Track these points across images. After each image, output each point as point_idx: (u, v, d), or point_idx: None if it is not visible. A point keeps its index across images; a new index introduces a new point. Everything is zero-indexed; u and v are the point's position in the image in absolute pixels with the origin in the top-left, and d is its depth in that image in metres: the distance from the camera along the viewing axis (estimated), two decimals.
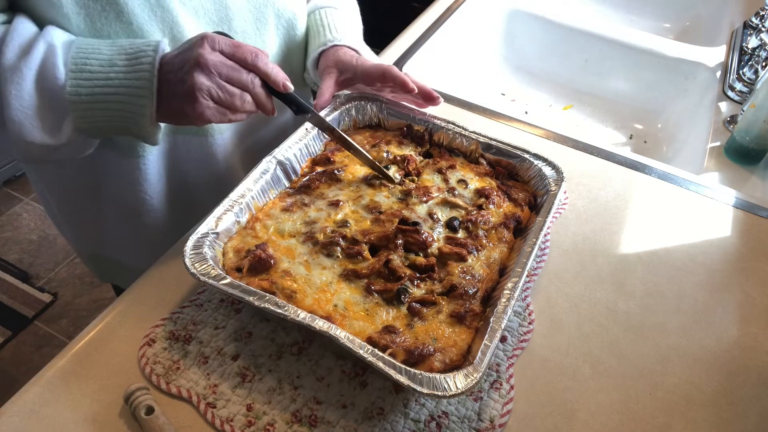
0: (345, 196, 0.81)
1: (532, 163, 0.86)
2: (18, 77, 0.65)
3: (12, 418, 0.64)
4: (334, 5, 0.98)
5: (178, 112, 0.71)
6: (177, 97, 0.69)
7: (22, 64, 0.65)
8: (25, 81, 0.65)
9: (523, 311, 0.78)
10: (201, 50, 0.67)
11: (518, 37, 1.57)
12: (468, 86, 1.42)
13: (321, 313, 0.66)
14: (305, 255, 0.73)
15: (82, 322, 2.07)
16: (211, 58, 0.68)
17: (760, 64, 1.27)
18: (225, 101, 0.70)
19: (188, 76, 0.67)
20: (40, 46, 0.66)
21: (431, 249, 0.75)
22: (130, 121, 0.70)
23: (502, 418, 0.67)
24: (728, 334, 0.79)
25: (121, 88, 0.68)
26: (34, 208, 2.48)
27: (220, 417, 0.65)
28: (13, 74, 0.65)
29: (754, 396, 0.72)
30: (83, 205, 0.95)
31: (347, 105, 0.94)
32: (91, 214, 0.96)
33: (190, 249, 0.68)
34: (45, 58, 0.66)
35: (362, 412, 0.66)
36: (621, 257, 0.88)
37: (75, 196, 0.94)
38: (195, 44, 0.68)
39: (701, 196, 0.99)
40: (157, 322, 0.73)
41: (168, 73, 0.69)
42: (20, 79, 0.65)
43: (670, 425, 0.69)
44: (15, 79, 0.65)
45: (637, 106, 1.48)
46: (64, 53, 0.67)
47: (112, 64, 0.68)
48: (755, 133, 1.06)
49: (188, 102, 0.68)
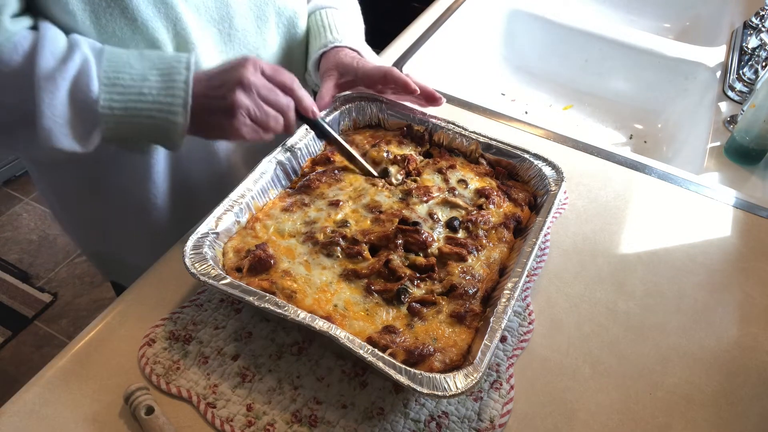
0: (345, 195, 0.81)
1: (532, 163, 0.86)
2: (52, 86, 0.65)
3: (12, 418, 0.64)
4: (334, 5, 0.98)
5: (213, 126, 0.73)
6: (215, 112, 0.72)
7: (57, 74, 0.65)
8: (59, 91, 0.65)
9: (523, 311, 0.78)
10: (244, 71, 0.71)
11: (518, 37, 1.57)
12: (468, 86, 1.42)
13: (321, 313, 0.66)
14: (305, 255, 0.73)
15: (82, 322, 2.07)
16: (254, 79, 0.71)
17: (760, 64, 1.27)
18: (261, 121, 0.73)
19: (230, 94, 0.70)
20: (77, 56, 0.66)
21: (431, 249, 0.75)
22: (160, 135, 0.72)
23: (502, 418, 0.67)
24: (728, 334, 0.79)
25: (155, 104, 0.69)
26: (34, 208, 2.48)
27: (220, 417, 0.65)
28: (48, 83, 0.65)
29: (754, 396, 0.72)
30: (86, 203, 0.95)
31: (347, 105, 0.94)
32: (94, 212, 0.96)
33: (190, 249, 0.68)
34: (81, 69, 0.66)
35: (362, 412, 0.66)
36: (621, 257, 0.88)
37: (78, 194, 0.94)
38: (238, 64, 0.71)
39: (701, 196, 0.99)
40: (157, 322, 0.73)
41: (208, 89, 0.71)
42: (54, 89, 0.65)
43: (670, 425, 0.69)
44: (49, 88, 0.65)
45: (637, 106, 1.48)
46: (97, 66, 0.68)
47: (144, 79, 0.69)
48: (755, 133, 1.06)
49: (227, 118, 0.71)
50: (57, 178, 0.94)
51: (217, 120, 0.72)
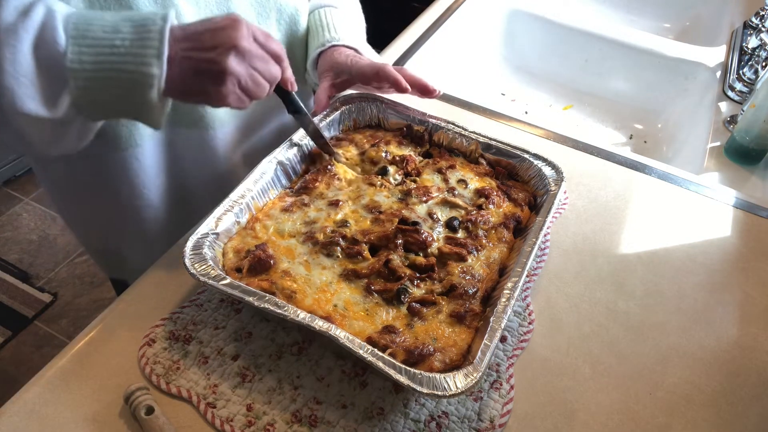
0: (345, 196, 0.81)
1: (532, 163, 0.86)
2: (14, 40, 0.59)
3: (12, 418, 0.64)
4: (334, 4, 0.98)
5: (197, 90, 0.68)
6: (203, 76, 0.66)
7: (19, 26, 0.59)
8: (22, 44, 0.60)
9: (523, 311, 0.78)
10: (239, 35, 0.66)
11: (518, 37, 1.57)
12: (468, 86, 1.42)
13: (321, 313, 0.66)
14: (305, 255, 0.73)
15: (82, 322, 2.07)
16: (248, 46, 0.67)
17: (760, 64, 1.27)
18: (251, 90, 0.69)
19: (223, 59, 0.65)
20: (39, 8, 0.61)
21: (431, 249, 0.75)
22: (135, 95, 0.64)
23: (502, 418, 0.67)
24: (728, 334, 0.79)
25: (128, 56, 0.62)
26: (34, 208, 2.48)
27: (220, 417, 0.65)
28: (9, 36, 0.59)
29: (754, 396, 0.72)
30: (86, 201, 0.95)
31: (348, 106, 0.94)
32: (94, 209, 0.96)
33: (190, 249, 0.68)
34: (45, 21, 0.61)
35: (362, 412, 0.66)
36: (621, 257, 0.88)
37: (77, 192, 0.94)
38: (230, 26, 0.66)
39: (701, 196, 0.99)
40: (157, 322, 0.73)
41: (196, 50, 0.66)
42: (16, 42, 0.59)
43: (670, 425, 0.69)
44: (10, 42, 0.59)
45: (637, 106, 1.48)
46: (64, 19, 0.62)
47: (116, 31, 0.63)
48: (755, 133, 1.06)
49: (215, 84, 0.67)
50: (57, 174, 0.93)
51: (203, 84, 0.67)
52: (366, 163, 0.88)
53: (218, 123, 0.89)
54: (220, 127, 0.89)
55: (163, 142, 0.87)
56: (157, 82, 0.63)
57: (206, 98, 0.69)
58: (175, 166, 0.91)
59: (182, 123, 0.86)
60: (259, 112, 0.96)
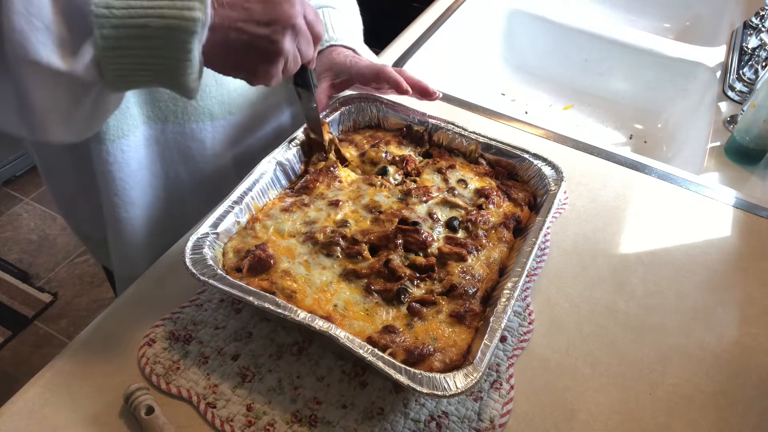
0: (345, 196, 0.81)
1: (532, 163, 0.86)
2: None
3: (12, 418, 0.64)
4: (332, 5, 0.98)
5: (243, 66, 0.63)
6: (253, 52, 0.61)
7: None
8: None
9: (523, 311, 0.78)
10: (295, 11, 0.61)
11: (518, 37, 1.57)
12: (468, 86, 1.42)
13: (321, 313, 0.66)
14: (305, 255, 0.73)
15: (82, 322, 2.07)
16: (302, 25, 0.62)
17: (760, 64, 1.27)
18: (289, 71, 0.66)
19: (280, 38, 0.60)
20: None
21: (431, 249, 0.75)
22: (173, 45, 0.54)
23: (502, 418, 0.67)
24: (728, 334, 0.79)
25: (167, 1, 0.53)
26: (34, 208, 2.48)
27: (220, 417, 0.65)
28: None
29: (754, 396, 0.72)
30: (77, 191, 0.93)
31: (348, 106, 0.94)
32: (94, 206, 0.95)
33: (190, 249, 0.68)
34: None
35: (362, 412, 0.66)
36: (621, 257, 0.88)
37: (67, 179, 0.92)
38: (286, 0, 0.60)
39: (701, 196, 0.99)
40: (157, 322, 0.73)
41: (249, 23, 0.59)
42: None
43: (670, 425, 0.69)
44: None
45: (637, 106, 1.48)
46: None
47: None
48: (755, 133, 1.06)
49: (266, 62, 0.62)
50: (59, 169, 0.92)
51: (252, 62, 0.62)
52: (366, 164, 0.88)
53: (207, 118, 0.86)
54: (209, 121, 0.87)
55: (149, 137, 0.84)
56: (200, 29, 0.54)
57: (250, 75, 0.64)
58: (162, 163, 0.88)
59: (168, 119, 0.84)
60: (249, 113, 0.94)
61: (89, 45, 0.53)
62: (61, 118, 0.59)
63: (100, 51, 0.53)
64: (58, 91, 0.55)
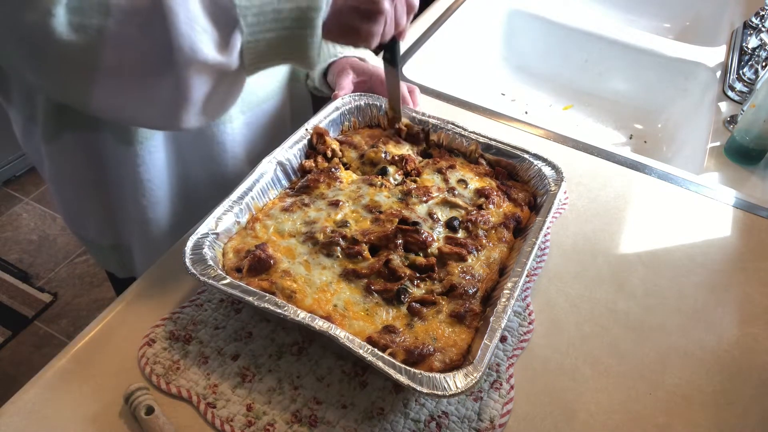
0: (345, 196, 0.81)
1: (532, 163, 0.86)
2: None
3: (12, 418, 0.64)
4: None
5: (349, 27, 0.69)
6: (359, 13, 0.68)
7: None
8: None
9: (523, 311, 0.78)
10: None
11: (518, 37, 1.57)
12: (468, 86, 1.42)
13: (321, 313, 0.66)
14: (305, 255, 0.73)
15: (82, 322, 2.07)
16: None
17: (760, 64, 1.27)
18: (387, 34, 0.72)
19: None
20: None
21: (431, 249, 0.75)
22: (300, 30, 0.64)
23: (502, 418, 0.67)
24: (728, 334, 0.79)
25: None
26: (34, 208, 2.48)
27: (220, 417, 0.65)
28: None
29: (754, 396, 0.72)
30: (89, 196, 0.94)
31: (348, 107, 0.94)
32: (96, 205, 0.95)
33: (190, 249, 0.68)
34: None
35: (362, 412, 0.66)
36: (621, 257, 0.88)
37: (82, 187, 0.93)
38: None
39: (701, 196, 0.99)
40: (157, 322, 0.73)
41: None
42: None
43: (670, 425, 0.69)
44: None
45: (637, 106, 1.48)
46: None
47: None
48: (755, 133, 1.06)
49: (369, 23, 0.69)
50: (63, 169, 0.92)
51: (356, 23, 0.69)
52: (366, 165, 0.88)
53: (227, 118, 0.89)
54: (228, 122, 0.90)
55: (169, 137, 0.87)
56: (324, 6, 0.64)
57: (354, 37, 0.71)
58: (181, 163, 0.90)
59: None
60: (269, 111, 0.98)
61: (236, 36, 0.62)
62: (210, 106, 0.67)
63: (245, 38, 0.62)
64: (216, 82, 0.63)
